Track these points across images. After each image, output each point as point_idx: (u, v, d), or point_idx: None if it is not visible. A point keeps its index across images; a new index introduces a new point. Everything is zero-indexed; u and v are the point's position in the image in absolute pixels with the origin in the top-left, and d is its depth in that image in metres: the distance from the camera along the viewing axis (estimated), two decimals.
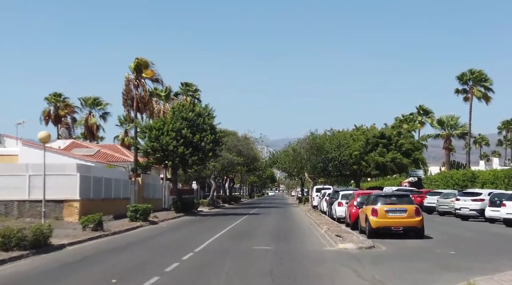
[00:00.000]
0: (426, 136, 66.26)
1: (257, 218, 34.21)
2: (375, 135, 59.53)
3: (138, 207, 26.95)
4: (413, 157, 59.80)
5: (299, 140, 41.21)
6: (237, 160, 52.53)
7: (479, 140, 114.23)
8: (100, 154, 50.17)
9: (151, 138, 36.09)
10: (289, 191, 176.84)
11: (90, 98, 65.28)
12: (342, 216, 27.98)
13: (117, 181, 33.06)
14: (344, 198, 28.75)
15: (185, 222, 30.51)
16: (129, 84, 41.00)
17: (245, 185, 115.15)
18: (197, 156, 36.58)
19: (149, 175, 43.07)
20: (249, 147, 56.09)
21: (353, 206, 23.71)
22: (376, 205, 19.55)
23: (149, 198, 41.02)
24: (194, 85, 67.56)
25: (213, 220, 32.06)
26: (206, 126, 37.14)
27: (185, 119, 37.03)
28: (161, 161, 37.29)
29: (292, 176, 69.47)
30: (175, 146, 35.70)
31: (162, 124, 36.66)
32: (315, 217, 32.08)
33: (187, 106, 37.86)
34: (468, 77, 55.08)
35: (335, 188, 37.51)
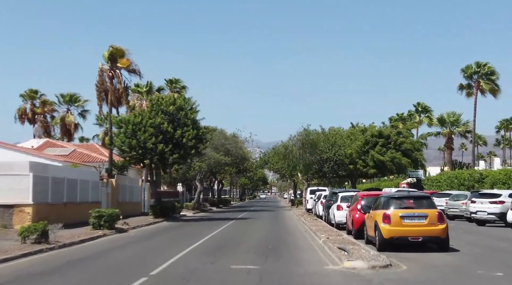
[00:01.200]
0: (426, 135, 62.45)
1: (245, 224, 30.25)
2: (373, 134, 55.97)
3: (103, 212, 22.89)
4: (412, 157, 56.26)
5: (290, 137, 37.38)
6: (225, 159, 48.52)
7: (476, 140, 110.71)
8: (76, 153, 46.43)
9: (127, 134, 32.04)
10: (281, 193, 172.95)
11: (67, 95, 61.05)
12: (342, 222, 24.09)
13: (84, 183, 28.97)
14: (344, 200, 24.85)
15: (161, 229, 26.48)
16: (102, 75, 36.96)
17: (235, 187, 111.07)
18: (178, 154, 32.56)
19: (126, 176, 38.96)
20: (238, 146, 52.06)
21: (356, 210, 19.80)
22: (388, 209, 15.64)
23: (125, 201, 36.93)
24: (181, 82, 63.58)
25: (194, 226, 28.06)
26: (188, 121, 33.14)
27: (165, 113, 33.02)
28: (138, 160, 33.22)
29: (284, 177, 65.55)
30: (154, 143, 31.69)
31: (140, 119, 32.63)
32: (310, 222, 28.16)
33: (167, 99, 33.84)
34: (473, 71, 51.42)
35: (333, 190, 33.61)
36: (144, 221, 30.34)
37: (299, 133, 37.13)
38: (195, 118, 34.04)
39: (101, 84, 36.90)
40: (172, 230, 25.24)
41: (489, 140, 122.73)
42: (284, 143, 37.25)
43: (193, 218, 37.65)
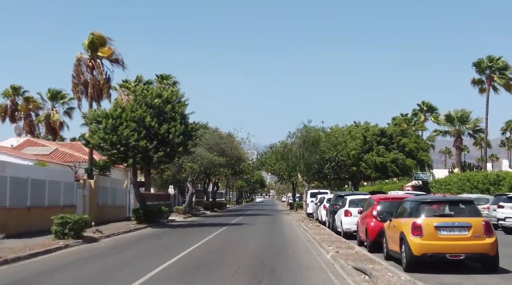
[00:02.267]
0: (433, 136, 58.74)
1: (238, 231, 26.64)
2: (375, 133, 52.50)
3: (67, 218, 19.25)
4: (418, 158, 52.75)
5: (290, 134, 33.83)
6: (219, 160, 44.91)
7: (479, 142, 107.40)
8: (57, 153, 43.02)
9: (107, 129, 28.44)
10: (279, 196, 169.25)
11: (52, 91, 57.35)
12: (351, 230, 20.54)
13: (54, 184, 25.34)
14: (353, 205, 21.28)
15: (140, 237, 22.84)
16: (80, 65, 33.39)
17: (232, 190, 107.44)
18: (164, 151, 28.94)
19: (108, 177, 35.32)
20: (233, 146, 48.46)
21: (371, 217, 16.22)
22: (418, 217, 12.07)
23: (106, 205, 33.30)
24: (172, 77, 60.15)
25: (180, 234, 24.45)
26: (176, 116, 29.55)
27: (149, 107, 29.43)
28: (119, 158, 29.60)
29: (282, 180, 61.95)
30: (136, 139, 28.09)
31: (121, 112, 29.04)
32: (312, 230, 24.56)
33: (152, 91, 30.23)
34: (485, 65, 47.92)
35: (338, 192, 30.05)
36: (124, 227, 26.71)
37: (299, 130, 33.67)
38: (183, 113, 30.42)
39: (78, 75, 33.36)
40: (151, 239, 21.61)
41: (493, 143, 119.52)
42: (283, 140, 33.76)
43: (182, 223, 34.03)
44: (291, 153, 33.12)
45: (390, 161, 50.30)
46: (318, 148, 34.25)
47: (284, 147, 33.83)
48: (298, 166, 33.50)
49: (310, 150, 33.22)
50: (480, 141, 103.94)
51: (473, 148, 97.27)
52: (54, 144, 48.34)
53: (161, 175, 52.78)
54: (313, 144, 33.37)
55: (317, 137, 33.52)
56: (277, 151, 34.28)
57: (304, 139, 33.18)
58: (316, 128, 33.65)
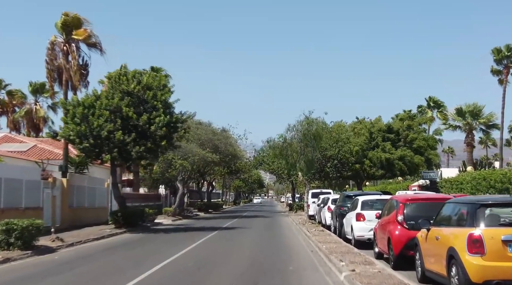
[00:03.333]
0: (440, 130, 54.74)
1: (229, 237, 22.87)
2: (381, 129, 48.82)
3: (13, 224, 15.50)
4: (426, 156, 49.04)
5: (289, 127, 30.04)
6: (212, 157, 41.13)
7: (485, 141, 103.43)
8: (36, 150, 39.50)
9: (76, 119, 24.67)
10: (278, 197, 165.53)
11: (34, 84, 53.54)
12: (364, 238, 16.85)
13: (13, 183, 21.59)
14: (366, 207, 17.53)
15: (111, 246, 19.06)
16: (54, 50, 29.66)
17: (229, 190, 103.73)
18: (144, 145, 25.16)
19: (85, 175, 31.53)
20: (228, 142, 44.68)
21: (396, 223, 12.45)
22: (476, 226, 8.34)
23: (82, 207, 29.54)
24: (163, 70, 56.38)
25: (159, 241, 20.68)
26: (158, 104, 25.78)
27: (127, 94, 25.68)
28: (92, 153, 25.82)
29: (281, 179, 58.22)
30: (110, 130, 24.33)
31: (94, 100, 25.29)
32: (316, 236, 20.79)
33: (131, 75, 26.43)
34: (504, 55, 44.15)
35: (346, 192, 26.23)
36: (97, 233, 22.94)
37: (299, 123, 29.92)
38: (167, 101, 26.64)
39: (52, 60, 29.64)
40: (121, 249, 17.82)
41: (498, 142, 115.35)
42: (282, 134, 30.01)
43: (168, 227, 30.25)
44: (291, 148, 29.41)
45: (397, 158, 46.79)
46: (320, 142, 30.49)
47: (283, 141, 30.11)
48: (298, 163, 29.76)
49: (311, 144, 29.53)
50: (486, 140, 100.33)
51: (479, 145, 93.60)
52: (34, 140, 44.81)
53: (150, 174, 49.09)
54: (315, 138, 29.68)
55: (320, 130, 29.78)
56: (275, 146, 30.49)
57: (305, 133, 29.47)
58: (319, 120, 29.93)
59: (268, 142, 30.60)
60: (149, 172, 48.37)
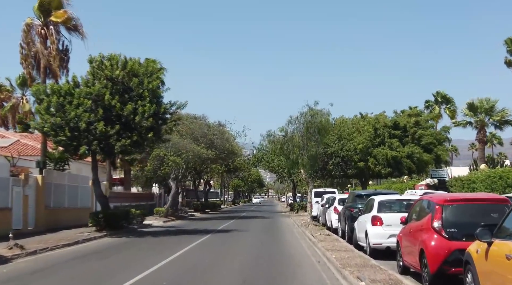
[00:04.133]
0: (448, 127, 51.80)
1: (222, 242, 20.02)
2: (386, 124, 46.04)
3: None
4: (435, 153, 46.24)
5: (291, 119, 27.13)
6: (207, 153, 38.26)
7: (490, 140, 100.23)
8: (18, 145, 36.85)
9: (51, 109, 21.84)
10: (278, 196, 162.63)
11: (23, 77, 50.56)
12: (382, 246, 14.03)
13: None
14: (384, 209, 14.67)
15: (82, 254, 16.18)
16: (30, 33, 26.82)
17: (228, 189, 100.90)
18: (129, 138, 22.31)
19: (65, 172, 28.70)
20: (224, 137, 41.81)
21: (431, 231, 9.57)
22: None
23: (61, 207, 26.71)
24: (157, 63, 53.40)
25: (141, 247, 17.84)
26: (145, 93, 22.93)
27: (110, 80, 22.85)
28: (69, 146, 22.95)
29: (282, 177, 55.31)
30: (90, 121, 21.51)
31: (72, 87, 22.46)
32: (323, 242, 17.95)
33: (115, 60, 23.56)
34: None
35: (356, 192, 23.33)
36: (71, 237, 20.11)
37: (302, 115, 27.05)
38: (155, 89, 23.79)
39: (28, 45, 26.80)
40: (92, 259, 14.95)
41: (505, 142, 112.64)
42: (283, 126, 27.13)
43: (157, 229, 27.40)
44: (293, 142, 26.57)
45: (405, 156, 44.06)
46: (326, 136, 27.65)
47: (284, 135, 27.26)
48: (301, 159, 26.91)
49: (315, 138, 26.68)
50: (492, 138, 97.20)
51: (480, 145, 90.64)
52: (18, 135, 42.10)
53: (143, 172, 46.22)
54: (319, 132, 26.84)
55: (325, 123, 26.92)
56: (275, 140, 27.59)
57: (308, 126, 26.62)
58: (324, 112, 27.03)
59: (268, 136, 27.73)
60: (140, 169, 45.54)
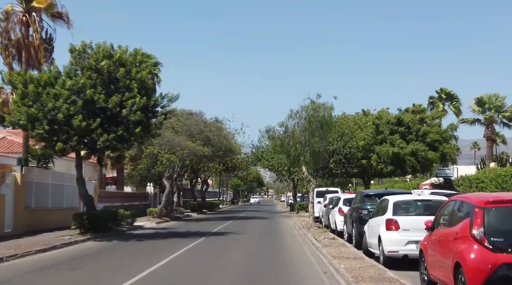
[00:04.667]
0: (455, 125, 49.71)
1: (214, 248, 18.06)
2: (390, 121, 44.09)
3: None
4: (440, 151, 44.25)
5: (291, 114, 25.17)
6: (203, 151, 36.30)
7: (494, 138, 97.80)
8: (3, 142, 35.34)
9: (27, 100, 19.87)
10: (278, 196, 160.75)
11: None
12: (399, 254, 12.12)
13: None
14: (400, 211, 12.71)
15: (52, 262, 14.19)
16: (10, 21, 24.88)
17: (226, 188, 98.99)
18: (114, 133, 20.37)
19: (49, 170, 26.73)
20: (221, 134, 39.86)
21: (470, 241, 7.59)
22: None
23: (43, 207, 24.73)
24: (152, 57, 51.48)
25: (122, 254, 15.89)
26: (133, 84, 20.98)
27: (94, 70, 20.90)
28: (49, 141, 21.00)
29: (281, 176, 53.35)
30: (70, 114, 19.55)
31: (54, 78, 20.50)
32: (328, 248, 16.00)
33: (100, 48, 21.59)
34: None
35: (365, 191, 21.28)
36: (49, 242, 18.13)
37: (304, 108, 25.11)
38: (144, 80, 21.84)
39: (8, 33, 24.87)
40: (63, 269, 12.96)
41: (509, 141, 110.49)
42: (283, 122, 25.19)
43: (147, 232, 25.44)
44: (294, 138, 24.64)
45: (408, 153, 42.13)
46: (329, 131, 25.74)
47: (284, 131, 25.33)
48: (303, 156, 24.97)
49: (318, 134, 24.75)
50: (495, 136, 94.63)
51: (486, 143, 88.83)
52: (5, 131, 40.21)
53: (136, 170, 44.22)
54: (322, 127, 24.91)
55: (329, 117, 24.99)
56: (275, 137, 25.63)
57: (311, 120, 24.69)
58: (327, 105, 25.09)
59: (267, 132, 25.73)
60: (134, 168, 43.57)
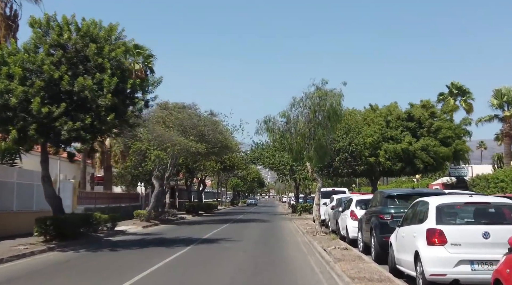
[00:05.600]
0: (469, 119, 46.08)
1: (199, 263, 14.57)
2: (400, 116, 40.70)
3: None
4: (453, 148, 40.81)
5: (293, 102, 21.62)
6: (196, 147, 32.78)
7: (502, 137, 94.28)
8: None
9: None
10: (279, 197, 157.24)
11: None
12: (447, 278, 8.65)
13: None
14: (447, 218, 9.21)
15: None
16: None
17: (226, 189, 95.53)
18: (82, 121, 16.92)
19: (14, 168, 23.23)
20: (217, 129, 36.32)
21: None
22: None
23: (7, 210, 21.29)
24: (145, 49, 48.32)
25: (78, 273, 12.41)
26: (105, 63, 17.52)
27: (58, 46, 17.49)
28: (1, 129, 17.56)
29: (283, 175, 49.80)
30: (26, 98, 16.14)
31: (8, 55, 17.08)
32: (341, 263, 12.53)
33: (64, 21, 18.12)
34: None
35: (385, 191, 17.44)
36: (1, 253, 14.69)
37: (308, 96, 21.61)
38: (119, 59, 18.38)
39: None
40: None
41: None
42: (284, 111, 21.67)
43: (128, 238, 21.99)
44: (296, 130, 21.19)
45: (419, 148, 38.71)
46: (338, 122, 22.17)
47: (285, 122, 21.84)
48: (306, 150, 21.51)
49: (325, 125, 21.28)
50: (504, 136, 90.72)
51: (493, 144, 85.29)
52: None
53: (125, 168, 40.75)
54: (329, 117, 21.44)
55: (337, 106, 21.48)
56: (275, 128, 22.06)
57: (316, 110, 21.24)
58: (335, 92, 21.58)
59: (265, 122, 22.19)
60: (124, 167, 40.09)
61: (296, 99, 22.28)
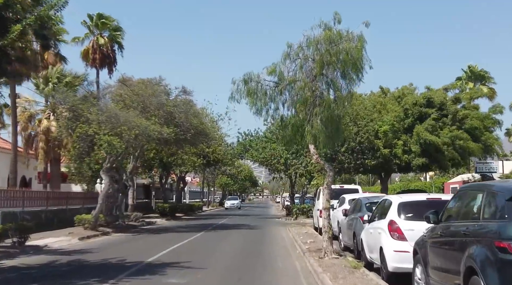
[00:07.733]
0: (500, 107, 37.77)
1: None
2: (418, 102, 33.27)
3: None
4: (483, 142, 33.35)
5: (289, 50, 13.61)
6: (161, 131, 24.71)
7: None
8: None
9: None
10: (273, 197, 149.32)
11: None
12: None
13: None
14: None
15: None
16: None
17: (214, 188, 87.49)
18: None
19: None
20: (190, 110, 28.18)
21: None
22: None
23: None
24: (113, 20, 40.88)
25: None
26: None
27: None
28: None
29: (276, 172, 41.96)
30: None
31: None
32: None
33: None
34: None
35: (488, 184, 9.52)
36: None
37: (312, 42, 13.65)
38: None
39: None
40: None
41: None
42: (274, 64, 13.74)
43: (29, 263, 14.04)
44: (294, 89, 13.33)
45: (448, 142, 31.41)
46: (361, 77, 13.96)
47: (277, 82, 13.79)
48: (309, 124, 13.50)
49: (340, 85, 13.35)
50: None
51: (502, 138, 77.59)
52: None
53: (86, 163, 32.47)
54: (344, 72, 13.42)
55: (357, 55, 13.42)
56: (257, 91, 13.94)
57: (326, 61, 13.28)
58: (352, 35, 13.56)
59: (245, 82, 14.22)
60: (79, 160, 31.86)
61: (293, 48, 14.32)
